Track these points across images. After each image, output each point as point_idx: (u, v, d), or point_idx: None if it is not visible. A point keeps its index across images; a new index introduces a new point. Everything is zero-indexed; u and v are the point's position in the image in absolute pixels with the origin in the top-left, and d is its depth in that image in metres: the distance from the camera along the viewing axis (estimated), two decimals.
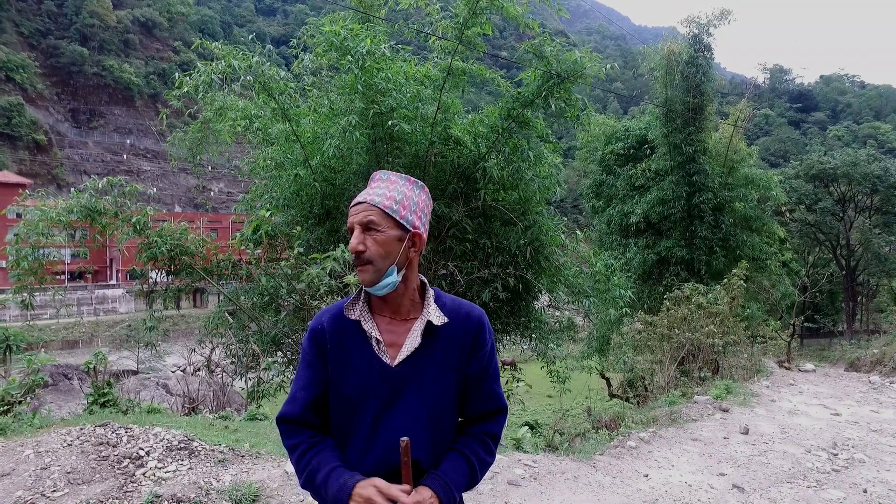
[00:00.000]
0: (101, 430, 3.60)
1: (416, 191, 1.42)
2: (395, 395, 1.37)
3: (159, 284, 9.68)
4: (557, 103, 7.13)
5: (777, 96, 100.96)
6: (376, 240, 1.34)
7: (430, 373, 1.39)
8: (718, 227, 16.15)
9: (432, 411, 1.38)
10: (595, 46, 19.13)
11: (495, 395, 1.49)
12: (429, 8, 7.55)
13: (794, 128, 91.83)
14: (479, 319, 1.45)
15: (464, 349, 1.42)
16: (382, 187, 1.40)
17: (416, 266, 1.44)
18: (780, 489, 4.38)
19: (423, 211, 1.42)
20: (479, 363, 1.44)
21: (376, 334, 1.39)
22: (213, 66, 6.90)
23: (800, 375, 9.78)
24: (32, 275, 7.77)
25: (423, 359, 1.39)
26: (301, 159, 7.44)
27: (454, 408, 1.43)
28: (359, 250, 1.34)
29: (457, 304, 1.47)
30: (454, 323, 1.41)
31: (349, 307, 1.44)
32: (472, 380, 1.45)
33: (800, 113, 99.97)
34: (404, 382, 1.38)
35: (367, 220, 1.35)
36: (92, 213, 8.01)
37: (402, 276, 1.39)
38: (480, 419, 1.49)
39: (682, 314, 9.16)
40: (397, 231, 1.36)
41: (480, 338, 1.45)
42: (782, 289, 18.31)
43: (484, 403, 1.48)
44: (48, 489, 2.94)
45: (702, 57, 16.33)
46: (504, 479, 4.02)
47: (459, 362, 1.41)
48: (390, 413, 1.37)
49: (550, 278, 8.02)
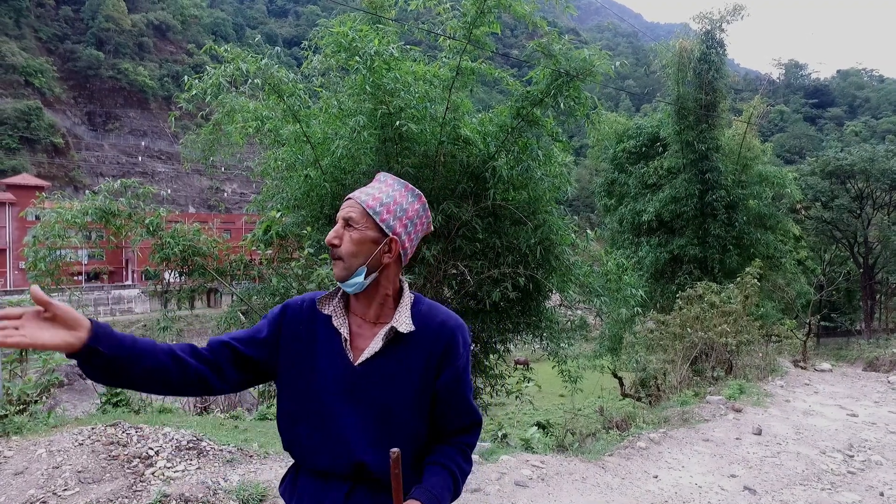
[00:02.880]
0: (112, 430, 3.65)
1: (409, 198, 1.40)
2: (350, 394, 1.34)
3: (173, 285, 9.79)
4: (567, 102, 7.08)
5: (792, 92, 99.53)
6: (352, 237, 1.33)
7: (390, 379, 1.35)
8: (732, 225, 15.97)
9: (384, 417, 1.34)
10: (606, 44, 18.84)
11: (469, 409, 1.44)
12: (438, 8, 7.54)
13: (810, 124, 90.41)
14: (453, 330, 1.39)
15: (431, 359, 1.36)
16: (375, 188, 1.39)
17: (393, 273, 1.40)
18: (792, 491, 4.32)
19: (410, 219, 1.38)
20: (450, 375, 1.38)
21: (345, 332, 1.37)
22: (223, 69, 6.95)
23: (816, 375, 9.64)
24: (50, 276, 7.90)
25: (385, 363, 1.35)
26: (311, 160, 7.47)
27: (414, 419, 1.37)
28: (332, 244, 1.34)
29: (433, 312, 1.41)
30: (424, 331, 1.36)
31: (323, 301, 1.42)
32: (444, 392, 1.39)
33: (816, 109, 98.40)
34: (362, 383, 1.35)
35: (348, 215, 1.35)
36: (106, 214, 8.13)
37: (374, 279, 1.36)
38: (456, 433, 1.44)
39: (694, 313, 9.08)
40: (374, 233, 1.34)
41: (453, 350, 1.38)
42: (798, 287, 18.06)
43: (457, 419, 1.43)
44: (59, 488, 2.99)
45: (714, 53, 16.15)
46: (511, 480, 4.00)
47: (425, 372, 1.36)
48: (343, 411, 1.34)
49: (561, 277, 7.98)
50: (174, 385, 1.28)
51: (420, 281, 6.88)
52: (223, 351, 1.37)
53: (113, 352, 1.17)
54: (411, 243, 1.40)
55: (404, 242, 1.37)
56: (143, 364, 1.22)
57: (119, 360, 1.19)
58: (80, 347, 1.14)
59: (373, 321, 1.39)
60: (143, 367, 1.22)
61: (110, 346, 1.17)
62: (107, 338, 1.17)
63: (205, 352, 1.35)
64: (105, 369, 1.18)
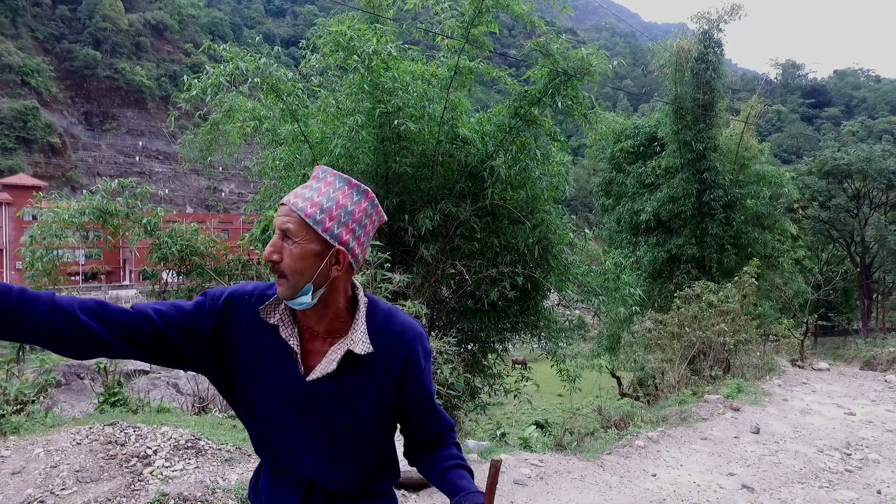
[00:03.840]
0: (110, 430, 3.64)
1: (355, 198, 1.19)
2: (300, 409, 1.24)
3: (171, 285, 9.76)
4: (564, 101, 7.10)
5: (789, 92, 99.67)
6: (292, 252, 1.15)
7: (343, 398, 1.24)
8: (730, 224, 16.00)
9: (335, 435, 1.26)
10: (604, 44, 18.88)
11: (441, 415, 1.38)
12: (436, 7, 7.54)
13: (807, 124, 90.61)
14: (411, 343, 1.27)
15: (389, 376, 1.26)
16: (313, 189, 1.19)
17: (344, 283, 1.23)
18: (790, 489, 4.33)
19: (358, 222, 1.19)
20: (414, 390, 1.30)
21: (294, 345, 1.22)
22: (221, 68, 6.94)
23: (813, 374, 9.67)
24: (47, 276, 7.88)
25: (339, 384, 1.23)
26: (309, 159, 7.46)
27: (371, 435, 1.30)
28: (272, 259, 1.16)
29: (389, 322, 1.27)
30: (381, 348, 1.24)
31: (267, 310, 1.24)
32: (411, 406, 1.32)
33: (813, 109, 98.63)
34: (314, 400, 1.23)
35: (285, 226, 1.15)
36: (104, 214, 8.11)
37: (322, 296, 1.20)
38: (437, 441, 1.39)
39: (692, 312, 9.09)
40: (317, 245, 1.15)
41: (413, 364, 1.28)
42: (795, 286, 18.10)
43: (431, 427, 1.38)
44: (57, 487, 2.98)
45: (712, 53, 16.17)
46: (510, 479, 4.01)
47: (383, 389, 1.26)
48: (291, 425, 1.25)
49: (559, 277, 7.98)
50: (68, 349, 1.12)
51: (418, 280, 6.88)
52: (146, 326, 1.17)
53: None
54: (362, 248, 1.22)
55: (353, 250, 1.19)
56: (26, 323, 1.07)
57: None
58: None
59: (324, 335, 1.25)
60: (24, 327, 1.07)
61: None
62: None
63: (120, 316, 1.15)
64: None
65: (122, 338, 1.15)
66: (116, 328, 1.14)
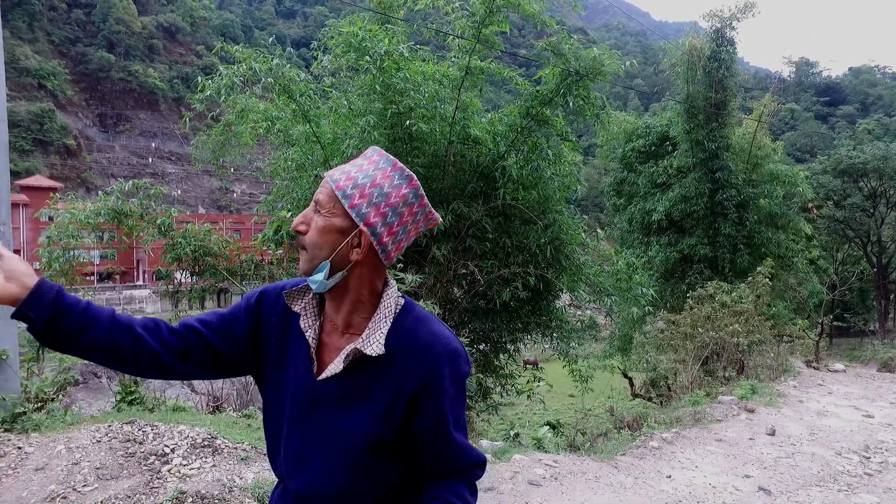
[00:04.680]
0: (129, 428, 3.68)
1: (395, 180, 1.09)
2: (308, 412, 1.13)
3: (184, 285, 9.85)
4: (576, 101, 7.08)
5: (803, 90, 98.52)
6: (317, 223, 1.08)
7: (348, 405, 1.11)
8: (742, 224, 15.86)
9: (333, 446, 1.11)
10: (615, 43, 18.67)
11: (462, 452, 1.16)
12: (446, 7, 7.55)
13: (822, 122, 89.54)
14: (437, 360, 1.09)
15: (403, 393, 1.09)
16: (356, 164, 1.12)
17: (368, 273, 1.12)
18: (808, 492, 4.28)
19: (392, 207, 1.08)
20: (431, 416, 1.10)
21: (311, 338, 1.14)
22: (235, 68, 7.00)
23: (829, 376, 9.55)
24: (64, 276, 7.99)
25: (347, 388, 1.11)
26: (321, 160, 7.50)
27: (371, 455, 1.11)
28: (297, 230, 1.11)
29: (418, 331, 1.12)
30: (400, 357, 1.09)
31: (293, 295, 1.17)
32: (425, 434, 1.12)
33: (827, 107, 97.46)
34: (319, 403, 1.12)
35: (318, 197, 1.10)
36: (119, 215, 8.21)
37: (341, 280, 1.11)
38: (459, 472, 1.18)
39: (705, 313, 9.02)
40: (342, 221, 1.07)
41: (434, 385, 1.09)
42: (810, 287, 17.91)
43: (453, 461, 1.16)
44: (79, 484, 3.02)
45: (724, 51, 16.05)
46: (524, 479, 4.00)
47: (391, 407, 1.09)
48: (294, 430, 1.15)
49: (571, 277, 7.96)
50: (125, 363, 1.13)
51: (430, 280, 6.89)
52: (194, 339, 1.17)
53: (43, 319, 1.03)
54: (393, 238, 1.10)
55: (381, 236, 1.08)
56: (89, 335, 1.07)
57: (58, 328, 1.05)
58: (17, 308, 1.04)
59: (342, 329, 1.14)
60: (87, 339, 1.07)
61: (40, 313, 1.03)
62: (42, 304, 1.04)
63: (169, 335, 1.16)
64: (44, 335, 1.06)
65: (172, 354, 1.15)
66: (167, 344, 1.14)
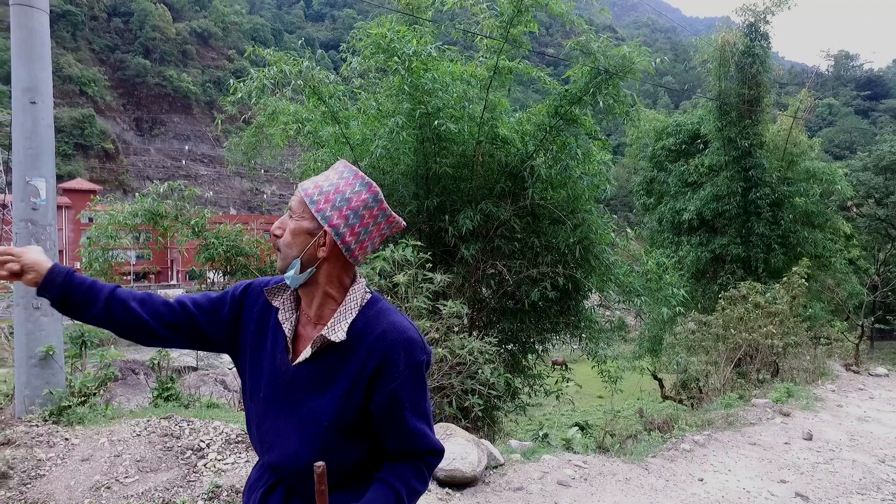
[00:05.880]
0: (166, 423, 3.80)
1: (357, 188, 1.26)
2: (283, 394, 1.29)
3: (217, 284, 10.08)
4: (605, 100, 7.01)
5: (842, 84, 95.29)
6: (290, 227, 1.27)
7: (316, 387, 1.26)
8: (777, 223, 15.43)
9: (304, 425, 1.26)
10: (644, 40, 18.44)
11: (416, 435, 1.27)
12: (474, 8, 7.56)
13: (862, 117, 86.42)
14: (391, 346, 1.23)
15: (362, 376, 1.23)
16: (324, 176, 1.29)
17: (336, 270, 1.28)
18: (849, 500, 4.16)
19: (353, 210, 1.24)
20: (384, 398, 1.23)
21: (287, 329, 1.31)
22: (266, 71, 7.14)
23: (870, 380, 9.23)
24: (103, 275, 8.29)
25: (315, 371, 1.27)
26: (350, 161, 7.58)
27: (337, 433, 1.25)
28: (275, 234, 1.30)
29: (377, 319, 1.27)
30: (359, 343, 1.24)
31: (274, 292, 1.36)
32: (380, 415, 1.25)
33: (868, 101, 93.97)
34: (293, 386, 1.28)
35: (290, 204, 1.30)
36: (154, 216, 8.47)
37: (311, 277, 1.27)
38: (409, 456, 1.30)
39: (738, 314, 8.82)
40: (310, 223, 1.25)
41: (388, 368, 1.22)
42: (849, 288, 17.29)
43: (403, 444, 1.28)
44: (121, 475, 3.14)
45: (758, 46, 15.62)
46: (554, 479, 3.99)
47: (352, 388, 1.24)
48: (270, 411, 1.30)
49: (600, 277, 7.88)
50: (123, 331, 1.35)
51: (459, 280, 6.90)
52: (184, 315, 1.36)
53: (58, 299, 1.30)
54: (356, 238, 1.25)
55: (344, 236, 1.23)
56: (93, 309, 1.32)
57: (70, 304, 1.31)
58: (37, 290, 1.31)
59: (315, 321, 1.31)
60: (93, 311, 1.32)
61: (54, 293, 1.30)
62: (55, 286, 1.30)
63: (162, 307, 1.36)
64: (62, 309, 1.32)
65: (163, 325, 1.34)
66: (159, 316, 1.34)
